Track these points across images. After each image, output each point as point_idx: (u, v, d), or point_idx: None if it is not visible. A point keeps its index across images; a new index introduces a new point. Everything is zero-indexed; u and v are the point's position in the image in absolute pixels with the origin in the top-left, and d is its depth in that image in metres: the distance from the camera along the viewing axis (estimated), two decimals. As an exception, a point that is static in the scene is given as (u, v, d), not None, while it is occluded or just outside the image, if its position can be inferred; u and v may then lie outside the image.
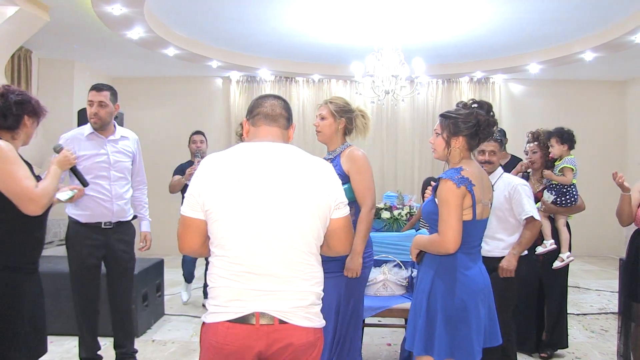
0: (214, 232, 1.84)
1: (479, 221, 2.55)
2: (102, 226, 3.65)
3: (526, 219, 3.47)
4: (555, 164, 4.26)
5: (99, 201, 3.61)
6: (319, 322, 1.90)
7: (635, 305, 3.60)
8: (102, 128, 3.65)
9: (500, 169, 3.71)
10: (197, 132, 5.55)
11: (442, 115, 2.66)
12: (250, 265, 1.80)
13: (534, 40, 7.09)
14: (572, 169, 4.20)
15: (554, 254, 4.13)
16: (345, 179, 3.00)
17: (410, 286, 3.94)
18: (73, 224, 3.66)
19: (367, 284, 3.85)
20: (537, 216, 3.50)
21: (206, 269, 4.33)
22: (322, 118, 3.15)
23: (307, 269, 1.85)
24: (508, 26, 6.46)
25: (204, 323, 1.88)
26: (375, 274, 3.89)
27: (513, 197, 3.50)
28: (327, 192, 1.88)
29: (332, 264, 2.94)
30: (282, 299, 1.80)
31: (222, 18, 6.24)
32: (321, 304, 1.93)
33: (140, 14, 5.41)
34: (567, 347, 4.32)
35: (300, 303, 1.83)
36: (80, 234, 3.63)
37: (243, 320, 1.78)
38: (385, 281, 3.86)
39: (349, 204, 2.98)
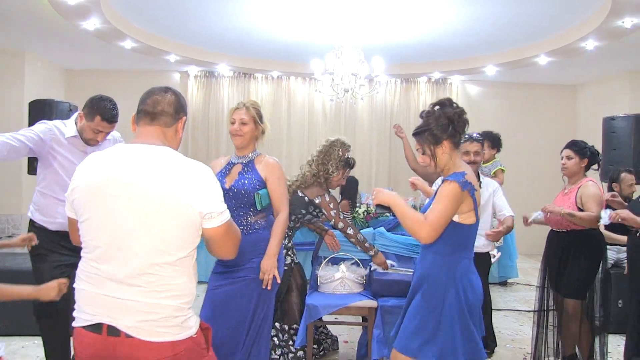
0: (81, 231, 1.84)
1: (476, 224, 2.53)
2: None
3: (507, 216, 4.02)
4: (485, 165, 4.41)
5: None
6: (179, 334, 1.78)
7: (553, 294, 3.91)
8: None
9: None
10: None
11: (415, 134, 2.57)
12: (104, 271, 1.75)
13: (491, 43, 7.24)
14: (504, 170, 4.38)
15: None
16: (262, 184, 3.07)
17: (368, 284, 3.96)
18: (40, 230, 3.19)
19: (325, 281, 3.88)
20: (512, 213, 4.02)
21: None
22: (244, 123, 3.12)
23: (161, 281, 1.75)
24: (466, 29, 6.58)
25: None
26: (333, 272, 3.90)
27: (496, 195, 3.97)
28: (191, 202, 1.76)
29: (246, 270, 2.99)
30: (131, 311, 1.72)
31: (181, 12, 6.14)
32: (187, 316, 1.82)
33: (97, 4, 5.27)
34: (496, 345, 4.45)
35: (150, 317, 1.73)
36: (49, 242, 3.18)
37: (93, 328, 1.75)
38: (343, 279, 3.86)
39: (265, 208, 3.06)
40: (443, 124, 2.48)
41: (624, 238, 4.06)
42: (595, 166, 3.90)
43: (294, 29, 6.75)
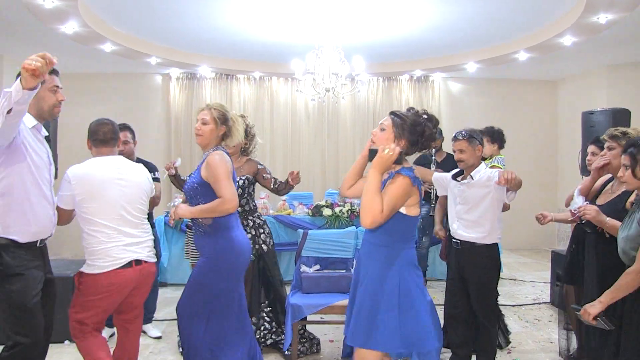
0: (97, 214, 2.92)
1: (419, 216, 2.69)
2: (38, 244, 2.76)
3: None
4: (485, 162, 4.36)
5: (44, 211, 2.77)
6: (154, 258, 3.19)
7: (566, 287, 3.83)
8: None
9: (483, 163, 3.78)
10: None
11: (393, 114, 2.68)
12: (122, 230, 2.97)
13: (471, 40, 7.29)
14: (501, 168, 4.33)
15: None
16: (202, 182, 3.08)
17: (299, 283, 4.04)
18: (6, 247, 2.62)
19: None
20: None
21: None
22: (204, 123, 3.20)
23: (145, 226, 3.12)
24: (447, 26, 6.62)
25: (88, 274, 2.90)
26: None
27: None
28: (148, 182, 3.21)
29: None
30: (143, 247, 3.05)
31: (161, 14, 6.12)
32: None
33: (75, 7, 5.23)
34: None
35: (149, 248, 3.10)
36: (22, 260, 2.66)
37: (127, 265, 2.94)
38: None
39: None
40: (416, 130, 2.62)
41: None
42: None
43: (274, 29, 6.76)
